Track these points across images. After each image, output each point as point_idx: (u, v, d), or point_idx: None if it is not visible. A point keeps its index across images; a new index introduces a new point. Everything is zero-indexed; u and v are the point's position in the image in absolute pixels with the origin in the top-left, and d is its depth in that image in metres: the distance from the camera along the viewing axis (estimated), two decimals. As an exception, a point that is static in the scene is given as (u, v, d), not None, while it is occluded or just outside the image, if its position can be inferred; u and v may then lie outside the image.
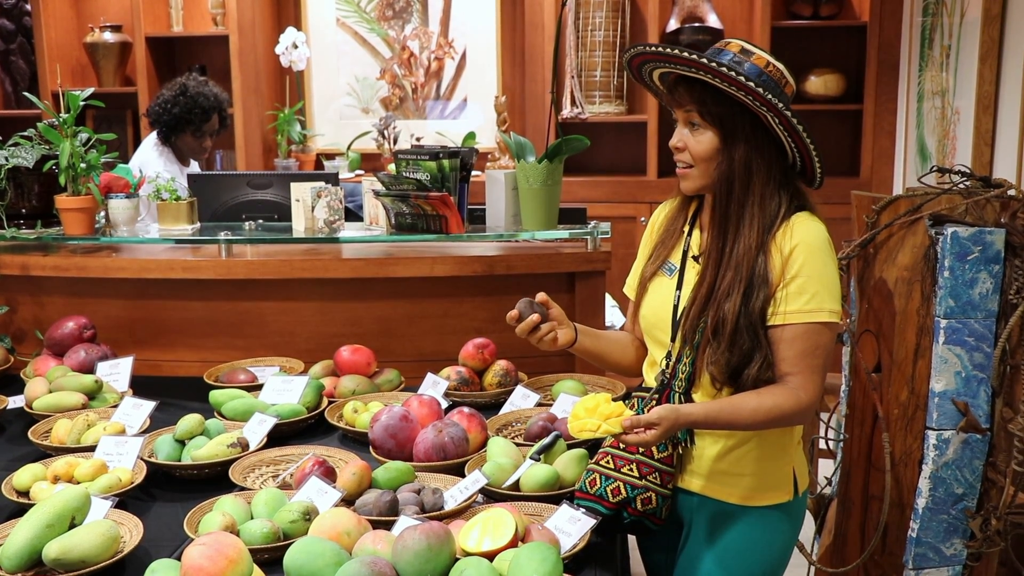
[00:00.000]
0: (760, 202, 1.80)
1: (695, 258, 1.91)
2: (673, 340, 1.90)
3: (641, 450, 1.89)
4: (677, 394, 1.89)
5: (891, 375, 2.36)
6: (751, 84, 1.71)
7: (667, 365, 1.92)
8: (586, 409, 1.76)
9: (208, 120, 4.16)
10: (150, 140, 4.23)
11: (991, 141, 3.40)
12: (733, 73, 1.71)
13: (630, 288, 2.07)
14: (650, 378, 1.98)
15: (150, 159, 4.08)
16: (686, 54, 1.74)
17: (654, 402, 1.90)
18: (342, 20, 5.60)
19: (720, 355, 1.79)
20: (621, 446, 1.90)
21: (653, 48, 1.80)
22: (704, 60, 1.73)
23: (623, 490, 1.88)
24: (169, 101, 4.13)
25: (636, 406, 1.93)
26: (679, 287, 1.91)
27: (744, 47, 1.80)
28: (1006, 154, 3.30)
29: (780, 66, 1.80)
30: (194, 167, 4.33)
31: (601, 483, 1.90)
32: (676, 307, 1.90)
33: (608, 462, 1.92)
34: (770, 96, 1.72)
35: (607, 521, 1.86)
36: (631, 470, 1.89)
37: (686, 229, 1.95)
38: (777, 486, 1.91)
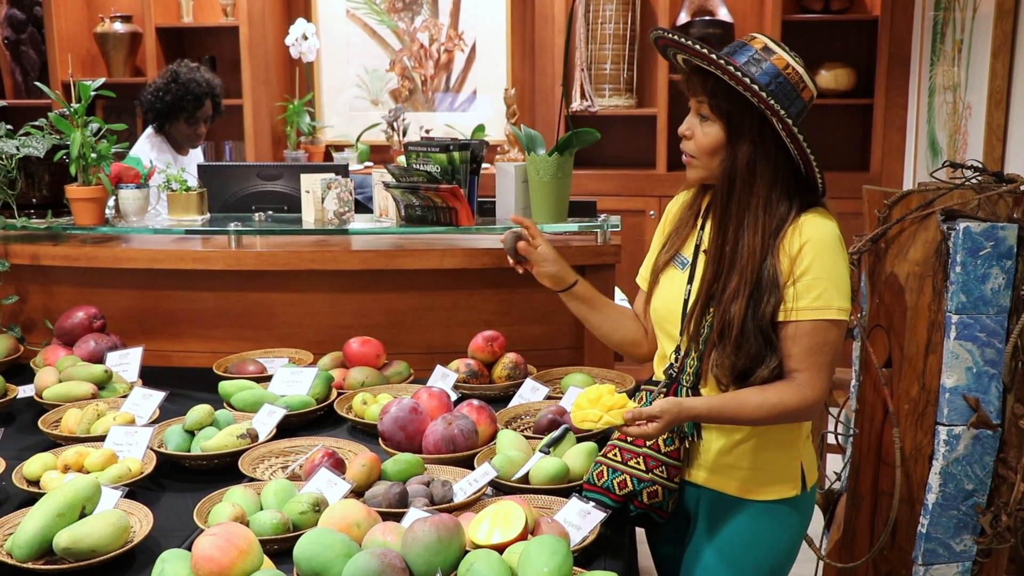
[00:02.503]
0: (765, 205, 1.79)
1: (706, 252, 1.90)
2: (682, 335, 1.90)
3: (648, 444, 1.89)
4: (685, 388, 1.89)
5: (902, 370, 2.35)
6: (755, 87, 1.71)
7: (676, 359, 1.91)
8: (589, 400, 1.76)
9: (200, 107, 4.11)
10: (146, 132, 4.22)
11: (1003, 136, 3.39)
12: (739, 74, 1.71)
13: (643, 279, 2.06)
14: (660, 371, 1.98)
15: (142, 150, 4.06)
16: (697, 47, 1.74)
17: (661, 396, 1.90)
18: (352, 12, 5.60)
19: (725, 358, 1.79)
20: (628, 439, 1.90)
21: (671, 35, 1.80)
22: (713, 55, 1.72)
23: (630, 483, 1.88)
24: (160, 89, 4.09)
25: (644, 399, 1.94)
26: (690, 281, 1.91)
27: (767, 45, 1.79)
28: (1018, 149, 3.28)
29: (800, 70, 1.78)
30: (194, 156, 4.31)
31: (608, 476, 1.90)
32: (686, 301, 1.90)
33: (615, 455, 1.92)
34: (772, 101, 1.71)
35: (614, 513, 1.86)
36: (638, 463, 1.89)
37: (699, 222, 1.95)
38: (784, 480, 1.90)
